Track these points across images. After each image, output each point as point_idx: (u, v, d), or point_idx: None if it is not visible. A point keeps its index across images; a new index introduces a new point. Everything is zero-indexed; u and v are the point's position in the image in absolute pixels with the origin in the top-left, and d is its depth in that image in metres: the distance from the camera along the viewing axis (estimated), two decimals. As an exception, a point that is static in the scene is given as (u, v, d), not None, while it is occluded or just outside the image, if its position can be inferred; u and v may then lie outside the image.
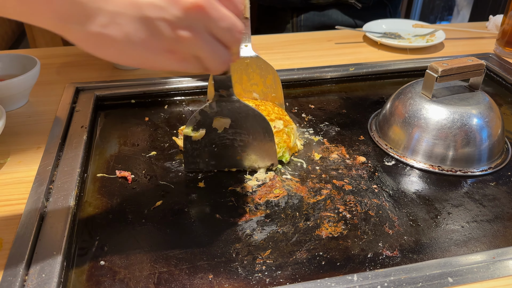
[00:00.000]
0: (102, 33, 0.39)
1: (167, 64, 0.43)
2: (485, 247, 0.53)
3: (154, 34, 0.40)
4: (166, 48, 0.41)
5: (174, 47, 0.41)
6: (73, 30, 0.39)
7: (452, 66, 0.64)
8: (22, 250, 0.47)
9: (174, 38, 0.40)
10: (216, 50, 0.43)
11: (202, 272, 0.49)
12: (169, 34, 0.40)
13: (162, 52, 0.41)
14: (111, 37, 0.39)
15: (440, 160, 0.65)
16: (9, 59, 0.78)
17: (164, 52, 0.41)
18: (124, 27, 0.39)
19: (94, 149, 0.69)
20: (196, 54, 0.42)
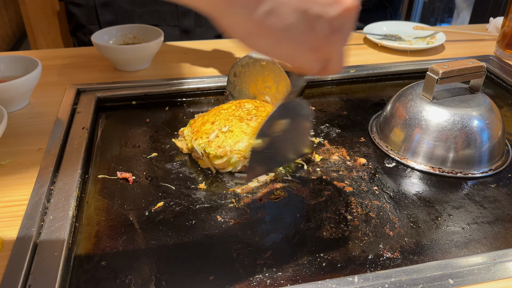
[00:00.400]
0: (264, 21, 0.38)
1: (306, 62, 0.42)
2: (486, 248, 0.53)
3: (311, 30, 0.39)
4: (315, 45, 0.40)
5: (322, 46, 0.41)
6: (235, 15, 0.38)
7: (453, 68, 0.65)
8: (24, 251, 0.48)
9: (327, 36, 0.40)
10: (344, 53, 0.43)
11: (203, 273, 0.49)
12: (324, 32, 0.39)
13: (310, 49, 0.41)
14: (271, 26, 0.38)
15: (441, 162, 0.65)
16: (10, 61, 0.78)
17: (311, 49, 0.41)
18: (286, 18, 0.38)
19: (95, 150, 0.69)
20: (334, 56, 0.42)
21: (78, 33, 1.21)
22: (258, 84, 0.74)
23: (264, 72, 0.73)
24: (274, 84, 0.73)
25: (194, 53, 0.99)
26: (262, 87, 0.74)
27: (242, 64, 0.74)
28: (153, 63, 0.93)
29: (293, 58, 0.42)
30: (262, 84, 0.74)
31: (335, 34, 0.40)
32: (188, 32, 1.19)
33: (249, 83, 0.75)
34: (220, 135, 0.63)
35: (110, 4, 1.13)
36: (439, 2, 2.64)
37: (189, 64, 0.94)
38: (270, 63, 0.72)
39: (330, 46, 0.41)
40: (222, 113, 0.67)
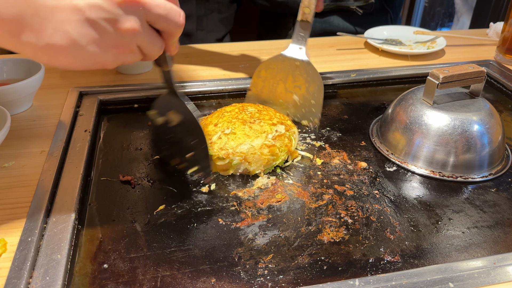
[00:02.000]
0: (51, 43, 0.41)
1: (116, 59, 0.45)
2: (486, 252, 0.53)
3: (100, 33, 0.42)
4: (112, 44, 0.44)
5: (119, 42, 0.44)
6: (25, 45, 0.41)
7: (453, 73, 0.65)
8: (27, 253, 0.48)
9: (118, 32, 0.43)
10: (152, 38, 0.46)
11: (205, 276, 0.49)
12: (112, 30, 0.43)
13: (109, 49, 0.44)
14: (61, 45, 0.41)
15: (441, 166, 0.65)
16: (13, 63, 0.79)
17: (111, 48, 0.44)
18: (71, 33, 0.41)
19: (98, 153, 0.69)
20: (138, 44, 0.45)
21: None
22: (288, 83, 0.75)
23: (295, 72, 0.74)
24: (305, 84, 0.74)
25: (195, 56, 1.00)
26: (291, 86, 0.75)
27: (272, 62, 0.74)
28: (155, 66, 0.93)
29: (102, 62, 0.45)
30: (292, 83, 0.75)
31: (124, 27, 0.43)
32: (190, 35, 1.19)
33: (277, 81, 0.75)
34: (222, 137, 0.63)
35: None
36: (439, 6, 2.65)
37: (191, 68, 0.94)
38: (304, 64, 0.73)
39: (128, 38, 0.44)
40: (225, 115, 0.67)
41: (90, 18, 0.41)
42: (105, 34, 0.43)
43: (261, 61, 0.73)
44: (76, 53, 0.43)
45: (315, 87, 0.74)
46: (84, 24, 0.41)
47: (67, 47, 0.42)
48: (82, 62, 0.44)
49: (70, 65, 0.44)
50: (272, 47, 1.07)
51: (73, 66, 0.44)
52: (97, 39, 0.43)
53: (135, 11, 0.43)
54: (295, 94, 0.75)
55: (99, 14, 0.42)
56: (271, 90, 0.76)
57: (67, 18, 0.41)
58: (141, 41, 0.45)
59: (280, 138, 0.65)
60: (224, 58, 0.99)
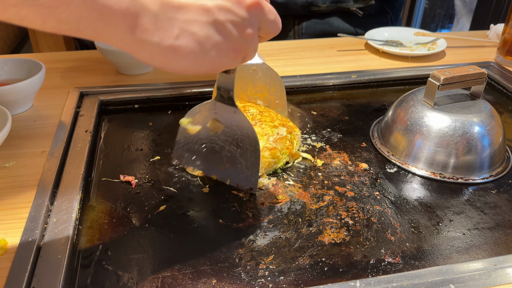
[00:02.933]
0: (176, 45, 0.38)
1: (230, 64, 0.43)
2: (487, 254, 0.53)
3: (224, 37, 0.40)
4: (232, 48, 0.41)
5: (239, 46, 0.42)
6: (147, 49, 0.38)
7: (454, 74, 0.65)
8: (27, 253, 0.48)
9: (241, 37, 0.41)
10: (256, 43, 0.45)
11: (205, 277, 0.49)
12: (237, 34, 0.41)
13: (229, 53, 0.42)
14: (185, 48, 0.38)
15: (442, 168, 0.65)
16: (14, 64, 0.79)
17: (230, 52, 0.42)
18: (198, 35, 0.38)
19: (98, 153, 0.69)
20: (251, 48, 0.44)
21: (80, 36, 1.21)
22: (249, 90, 0.74)
23: (254, 77, 0.73)
24: (266, 86, 0.73)
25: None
26: (253, 92, 0.74)
27: None
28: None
29: (217, 66, 0.43)
30: (252, 89, 0.74)
31: (248, 31, 0.41)
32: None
33: (238, 91, 0.74)
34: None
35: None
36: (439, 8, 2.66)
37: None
38: (260, 66, 0.72)
39: (246, 43, 0.42)
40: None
41: (218, 20, 0.39)
42: (229, 37, 0.40)
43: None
44: (198, 56, 0.39)
45: (275, 86, 0.73)
46: (212, 26, 0.39)
47: (192, 50, 0.38)
48: (200, 66, 0.41)
49: (187, 69, 0.41)
50: (271, 48, 1.07)
51: (190, 71, 0.41)
52: (221, 43, 0.40)
53: (257, 16, 0.42)
54: (258, 99, 0.75)
55: (228, 16, 0.39)
56: None
57: (195, 18, 0.38)
58: (253, 46, 0.44)
59: (282, 141, 0.65)
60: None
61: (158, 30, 0.37)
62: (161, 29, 0.37)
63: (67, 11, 0.33)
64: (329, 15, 1.26)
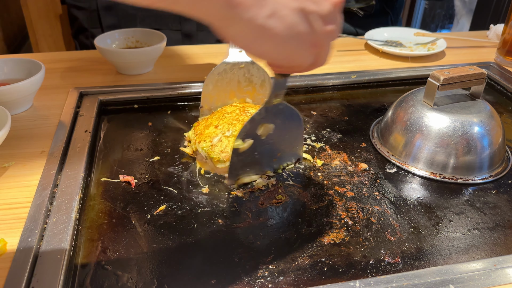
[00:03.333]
0: (266, 25, 0.38)
1: (308, 59, 0.43)
2: (486, 254, 0.53)
3: (308, 27, 0.40)
4: (314, 41, 0.41)
5: (319, 41, 0.42)
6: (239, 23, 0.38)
7: (454, 74, 0.65)
8: (26, 253, 0.48)
9: (322, 31, 0.41)
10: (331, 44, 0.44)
11: (205, 276, 0.49)
12: (321, 27, 0.41)
13: (309, 47, 0.42)
14: (273, 29, 0.38)
15: (441, 168, 0.65)
16: (14, 63, 0.79)
17: (311, 45, 0.42)
18: (286, 19, 0.38)
19: (98, 153, 0.69)
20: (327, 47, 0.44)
21: (80, 36, 1.22)
22: (238, 89, 0.74)
23: (243, 75, 0.73)
24: (254, 84, 0.73)
25: (196, 57, 1.00)
26: (241, 91, 0.74)
27: (218, 72, 0.72)
28: (155, 67, 0.93)
29: (294, 57, 0.43)
30: (241, 88, 0.74)
31: (329, 27, 0.41)
32: (190, 36, 1.19)
33: (227, 89, 0.73)
34: (223, 139, 0.63)
35: (113, 8, 1.13)
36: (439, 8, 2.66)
37: (191, 68, 0.94)
38: (248, 65, 0.72)
39: (325, 40, 0.42)
40: (226, 117, 0.67)
41: (306, 9, 0.39)
42: (312, 29, 0.40)
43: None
44: (283, 42, 0.40)
45: (264, 85, 0.73)
46: (300, 14, 0.39)
47: (279, 33, 0.39)
48: (280, 53, 0.41)
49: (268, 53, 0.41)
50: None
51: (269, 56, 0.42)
52: (304, 33, 0.40)
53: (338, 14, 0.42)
54: (247, 97, 0.75)
55: (315, 7, 0.40)
56: (223, 100, 0.75)
57: (286, 3, 0.38)
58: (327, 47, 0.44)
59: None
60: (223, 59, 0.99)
61: (252, 7, 0.37)
62: (256, 6, 0.37)
63: None
64: (329, 15, 1.26)
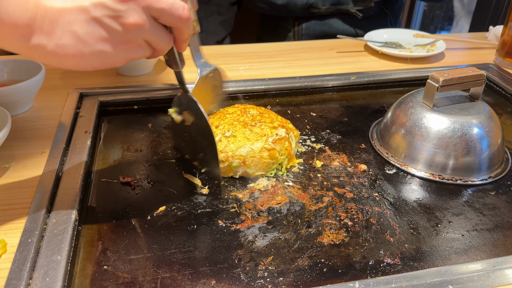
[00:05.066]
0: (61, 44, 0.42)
1: (125, 56, 0.46)
2: (485, 255, 0.53)
3: (106, 31, 0.43)
4: (119, 40, 0.44)
5: (126, 37, 0.44)
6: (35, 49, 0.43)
7: (453, 76, 0.65)
8: (27, 254, 0.48)
9: (124, 28, 0.44)
10: (159, 32, 0.46)
11: (205, 278, 0.49)
12: (118, 26, 0.43)
13: (117, 46, 0.45)
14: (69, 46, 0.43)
15: (441, 169, 0.65)
16: (14, 64, 0.79)
17: (119, 45, 0.45)
18: (79, 33, 0.42)
19: (98, 154, 0.69)
20: (145, 38, 0.46)
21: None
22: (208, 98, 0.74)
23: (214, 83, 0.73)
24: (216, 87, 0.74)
25: (196, 58, 1.00)
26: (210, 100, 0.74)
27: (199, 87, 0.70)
28: (155, 68, 0.93)
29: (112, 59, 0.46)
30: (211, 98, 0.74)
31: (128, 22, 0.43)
32: (190, 37, 1.19)
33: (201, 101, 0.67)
34: (223, 140, 0.63)
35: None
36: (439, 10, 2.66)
37: (191, 70, 0.94)
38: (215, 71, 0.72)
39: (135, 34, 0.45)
40: (227, 117, 0.67)
41: (96, 17, 0.42)
42: (112, 31, 0.43)
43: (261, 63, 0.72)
44: (85, 52, 0.43)
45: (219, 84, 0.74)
46: (91, 23, 0.43)
47: (76, 46, 0.43)
48: (91, 61, 0.45)
49: (79, 65, 0.45)
50: (272, 49, 1.07)
51: (83, 66, 0.45)
52: (105, 37, 0.43)
53: (138, 6, 0.44)
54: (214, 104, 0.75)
55: (104, 11, 0.43)
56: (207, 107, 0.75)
57: (74, 18, 0.42)
58: (148, 35, 0.46)
59: (280, 142, 0.65)
60: (224, 60, 0.99)
61: (45, 35, 0.42)
62: (47, 33, 0.42)
63: None
64: (329, 17, 1.26)
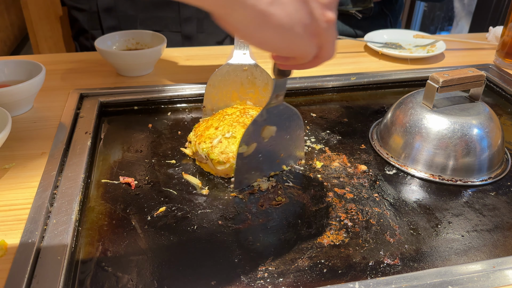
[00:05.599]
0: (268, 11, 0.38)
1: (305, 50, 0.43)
2: (485, 256, 0.53)
3: (311, 16, 0.40)
4: (314, 31, 0.41)
5: (320, 31, 0.42)
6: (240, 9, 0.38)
7: (453, 77, 0.65)
8: (27, 254, 0.48)
9: (322, 19, 0.41)
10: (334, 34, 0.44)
11: (205, 278, 0.49)
12: (320, 16, 0.41)
13: (309, 36, 0.41)
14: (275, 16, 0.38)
15: (441, 170, 0.65)
16: (14, 65, 0.79)
17: (310, 36, 0.42)
18: (287, 6, 0.39)
19: (98, 155, 0.69)
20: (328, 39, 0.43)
21: (80, 38, 1.22)
22: (240, 91, 0.74)
23: (246, 77, 0.73)
24: (257, 87, 0.73)
25: (196, 59, 1.00)
26: (244, 93, 0.74)
27: (221, 73, 0.72)
28: (155, 68, 0.94)
29: (295, 47, 0.42)
30: (244, 90, 0.74)
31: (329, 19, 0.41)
32: (190, 38, 1.19)
33: (230, 91, 0.74)
34: (223, 141, 0.63)
35: (113, 10, 1.14)
36: (439, 10, 2.66)
37: (191, 70, 0.95)
38: (252, 67, 0.72)
39: (326, 30, 0.42)
40: (226, 119, 0.67)
41: None
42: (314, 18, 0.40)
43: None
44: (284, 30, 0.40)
45: (267, 88, 0.73)
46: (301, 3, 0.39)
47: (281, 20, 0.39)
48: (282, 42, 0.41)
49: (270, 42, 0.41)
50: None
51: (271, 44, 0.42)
52: (307, 23, 0.40)
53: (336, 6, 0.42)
54: (248, 99, 0.75)
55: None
56: (225, 101, 0.75)
57: None
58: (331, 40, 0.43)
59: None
60: (224, 61, 0.99)
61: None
62: None
63: None
64: (329, 18, 1.26)
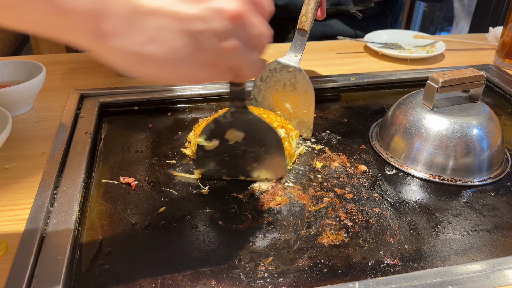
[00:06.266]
0: (142, 52, 0.36)
1: (207, 78, 0.40)
2: (485, 256, 0.53)
3: (199, 48, 0.37)
4: (209, 61, 0.39)
5: (217, 59, 0.39)
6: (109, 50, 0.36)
7: (453, 77, 0.65)
8: (27, 254, 0.48)
9: (219, 50, 0.38)
10: (252, 58, 0.41)
11: (205, 278, 0.49)
12: (214, 46, 0.37)
13: (204, 66, 0.39)
14: (153, 55, 0.36)
15: (441, 170, 0.65)
16: (15, 65, 0.79)
17: (206, 65, 0.39)
18: (168, 43, 0.36)
19: (98, 155, 0.69)
20: (235, 63, 0.40)
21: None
22: (282, 91, 0.74)
23: (289, 79, 0.73)
24: (297, 92, 0.73)
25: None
26: (285, 94, 0.74)
27: (269, 68, 0.73)
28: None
29: (194, 78, 0.40)
30: (285, 91, 0.74)
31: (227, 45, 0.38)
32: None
33: (273, 88, 0.75)
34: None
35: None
36: (438, 11, 2.67)
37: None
38: (296, 70, 0.72)
39: (228, 57, 0.39)
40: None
41: (193, 30, 0.36)
42: (204, 50, 0.37)
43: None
44: (167, 65, 0.37)
45: (306, 96, 0.73)
46: (185, 35, 0.36)
47: (159, 58, 0.36)
48: (171, 75, 0.39)
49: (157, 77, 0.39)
50: (272, 50, 1.07)
51: (161, 79, 0.39)
52: (196, 54, 0.37)
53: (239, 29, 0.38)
54: (287, 102, 0.75)
55: (202, 27, 0.36)
56: (268, 98, 0.75)
57: (167, 26, 0.35)
58: (239, 61, 0.40)
59: (281, 142, 0.65)
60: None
61: (123, 35, 0.35)
62: (127, 34, 0.35)
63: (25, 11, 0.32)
64: (329, 18, 1.26)
